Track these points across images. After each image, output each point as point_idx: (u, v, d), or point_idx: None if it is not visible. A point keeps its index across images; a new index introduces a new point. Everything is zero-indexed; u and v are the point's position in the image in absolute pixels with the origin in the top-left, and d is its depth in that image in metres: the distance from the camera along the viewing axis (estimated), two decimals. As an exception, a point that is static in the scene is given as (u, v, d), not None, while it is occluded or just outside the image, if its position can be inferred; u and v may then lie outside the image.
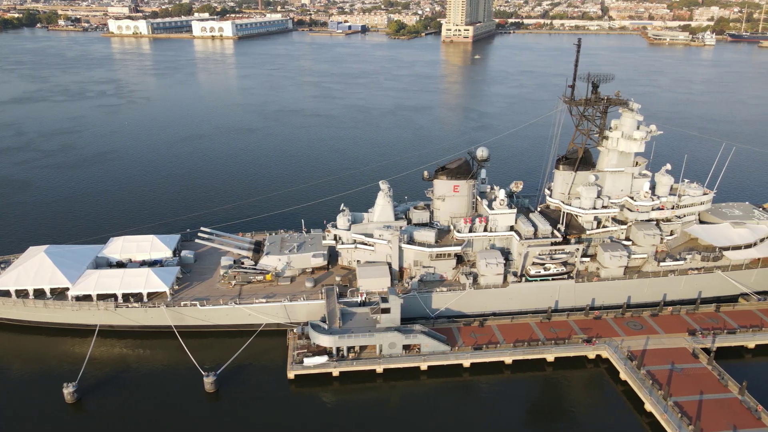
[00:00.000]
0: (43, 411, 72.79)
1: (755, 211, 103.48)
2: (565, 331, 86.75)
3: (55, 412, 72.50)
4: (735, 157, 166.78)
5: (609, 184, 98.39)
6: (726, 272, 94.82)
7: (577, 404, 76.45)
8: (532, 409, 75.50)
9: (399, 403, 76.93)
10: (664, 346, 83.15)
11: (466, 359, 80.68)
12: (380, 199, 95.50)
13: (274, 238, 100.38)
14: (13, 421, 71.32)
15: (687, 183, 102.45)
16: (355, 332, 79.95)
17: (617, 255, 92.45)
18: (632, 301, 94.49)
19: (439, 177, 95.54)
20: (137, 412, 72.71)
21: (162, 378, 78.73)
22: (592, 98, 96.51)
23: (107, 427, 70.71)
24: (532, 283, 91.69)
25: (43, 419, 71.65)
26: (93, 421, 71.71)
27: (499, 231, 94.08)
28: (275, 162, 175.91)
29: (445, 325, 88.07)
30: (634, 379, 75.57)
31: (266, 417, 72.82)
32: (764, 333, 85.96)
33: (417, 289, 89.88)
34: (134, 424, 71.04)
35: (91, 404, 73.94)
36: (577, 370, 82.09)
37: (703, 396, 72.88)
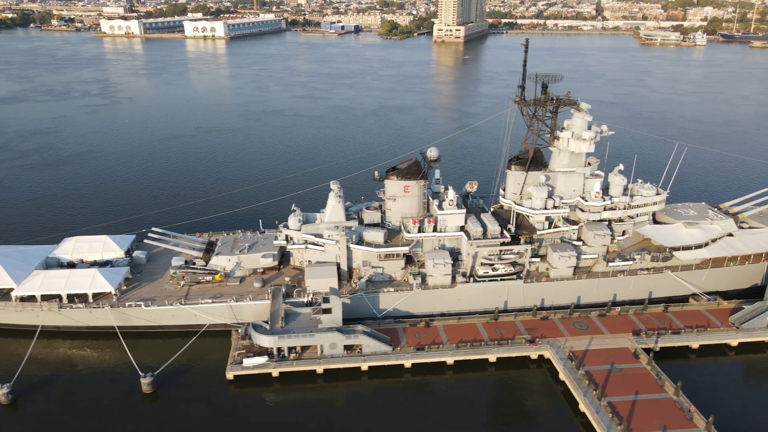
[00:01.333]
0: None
1: (710, 212, 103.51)
2: (510, 331, 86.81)
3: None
4: (695, 157, 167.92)
5: (561, 184, 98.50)
6: (676, 272, 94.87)
7: (516, 405, 76.51)
8: (469, 410, 75.42)
9: (338, 404, 77.10)
10: (607, 346, 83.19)
11: (407, 360, 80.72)
12: (331, 199, 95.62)
13: (227, 239, 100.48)
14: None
15: (641, 183, 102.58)
16: (297, 332, 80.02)
17: (566, 255, 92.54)
18: (582, 302, 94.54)
19: (390, 177, 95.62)
20: (73, 413, 72.79)
21: (101, 379, 78.79)
22: (541, 98, 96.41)
23: (41, 428, 70.77)
24: (480, 283, 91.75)
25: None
26: (27, 421, 71.82)
27: (448, 231, 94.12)
28: (248, 162, 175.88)
29: (391, 326, 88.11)
30: (571, 380, 75.63)
31: (203, 417, 72.84)
32: (709, 333, 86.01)
33: (364, 290, 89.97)
34: (69, 425, 71.11)
35: (26, 405, 74.06)
36: (520, 370, 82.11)
37: (638, 396, 72.93)
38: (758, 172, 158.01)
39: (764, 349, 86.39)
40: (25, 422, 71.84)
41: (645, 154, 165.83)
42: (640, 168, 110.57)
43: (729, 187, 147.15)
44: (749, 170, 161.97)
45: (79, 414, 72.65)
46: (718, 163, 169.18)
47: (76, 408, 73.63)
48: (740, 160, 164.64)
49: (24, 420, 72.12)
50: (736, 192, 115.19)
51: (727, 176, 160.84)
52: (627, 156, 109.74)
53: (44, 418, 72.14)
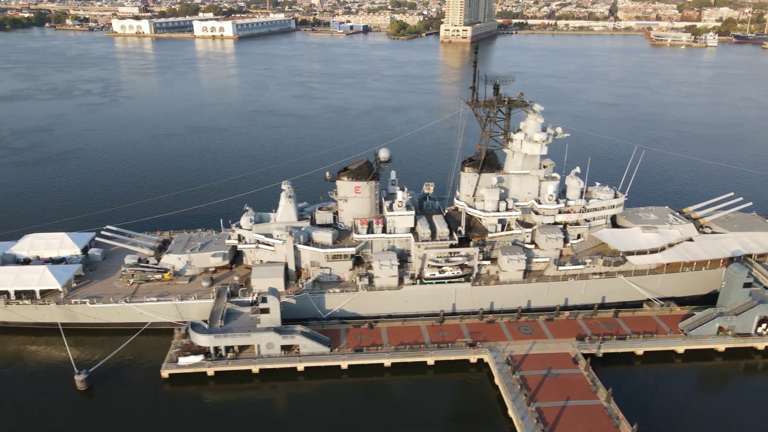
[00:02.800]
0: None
1: (670, 216, 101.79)
2: (453, 334, 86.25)
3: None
4: (662, 161, 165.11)
5: (515, 186, 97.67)
6: (629, 277, 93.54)
7: (449, 408, 76.06)
8: (401, 413, 75.03)
9: (272, 404, 77.28)
10: (548, 351, 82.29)
11: (344, 361, 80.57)
12: (282, 199, 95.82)
13: (182, 237, 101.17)
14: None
15: (599, 186, 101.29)
16: (235, 332, 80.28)
17: (515, 258, 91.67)
18: (533, 306, 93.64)
19: (341, 178, 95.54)
20: (5, 410, 73.64)
21: (39, 376, 79.71)
22: (493, 100, 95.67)
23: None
24: (427, 285, 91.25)
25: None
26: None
27: (398, 233, 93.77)
28: (226, 160, 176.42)
29: (335, 327, 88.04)
30: (504, 385, 74.93)
31: (135, 415, 73.35)
32: (655, 340, 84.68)
33: (310, 290, 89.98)
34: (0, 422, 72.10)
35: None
36: (459, 373, 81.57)
37: (569, 402, 72.03)
38: (726, 177, 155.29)
39: (712, 357, 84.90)
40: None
41: (609, 157, 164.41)
42: (603, 171, 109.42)
43: (696, 191, 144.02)
44: (717, 174, 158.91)
45: (10, 411, 73.43)
46: (686, 167, 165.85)
47: (8, 405, 74.43)
48: (708, 164, 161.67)
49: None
50: (704, 196, 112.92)
51: (695, 180, 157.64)
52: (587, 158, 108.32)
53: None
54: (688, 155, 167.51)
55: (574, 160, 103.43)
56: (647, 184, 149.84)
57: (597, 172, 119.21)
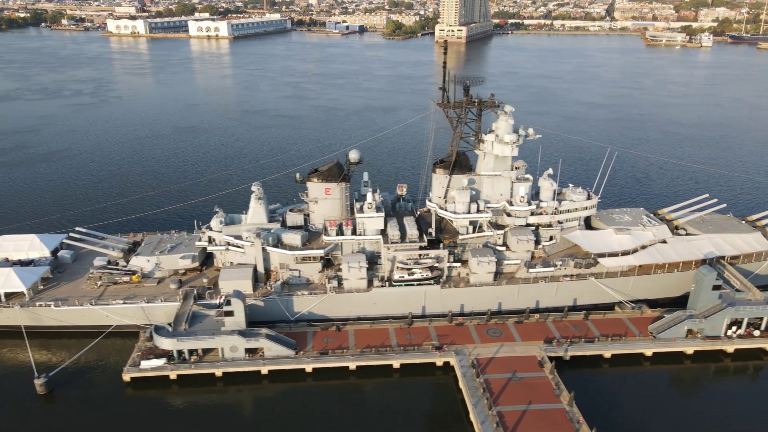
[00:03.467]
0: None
1: (644, 218, 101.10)
2: (420, 337, 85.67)
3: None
4: (638, 163, 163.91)
5: (487, 188, 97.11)
6: (600, 279, 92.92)
7: (411, 412, 75.22)
8: (365, 417, 74.49)
9: (235, 407, 76.52)
10: (515, 354, 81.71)
11: (309, 364, 79.98)
12: (252, 201, 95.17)
13: (152, 239, 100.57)
14: None
15: (572, 188, 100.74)
16: (199, 335, 79.70)
17: (485, 260, 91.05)
18: (504, 308, 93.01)
19: (311, 180, 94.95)
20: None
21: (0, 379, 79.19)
22: (463, 101, 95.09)
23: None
24: (396, 288, 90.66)
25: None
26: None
27: (368, 235, 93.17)
28: (210, 162, 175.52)
29: (302, 329, 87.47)
30: (467, 388, 74.35)
31: (96, 419, 72.80)
32: (623, 343, 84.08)
33: (278, 293, 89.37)
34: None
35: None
36: (425, 377, 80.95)
37: (531, 406, 71.44)
38: (702, 178, 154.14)
39: (681, 360, 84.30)
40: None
41: (585, 158, 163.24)
42: (579, 173, 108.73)
43: (673, 192, 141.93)
44: (694, 176, 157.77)
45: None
46: (663, 168, 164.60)
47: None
48: (685, 166, 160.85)
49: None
50: (680, 198, 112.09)
51: (672, 182, 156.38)
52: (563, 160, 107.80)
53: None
54: (665, 157, 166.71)
55: (548, 162, 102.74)
56: (624, 185, 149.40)
57: (573, 174, 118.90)
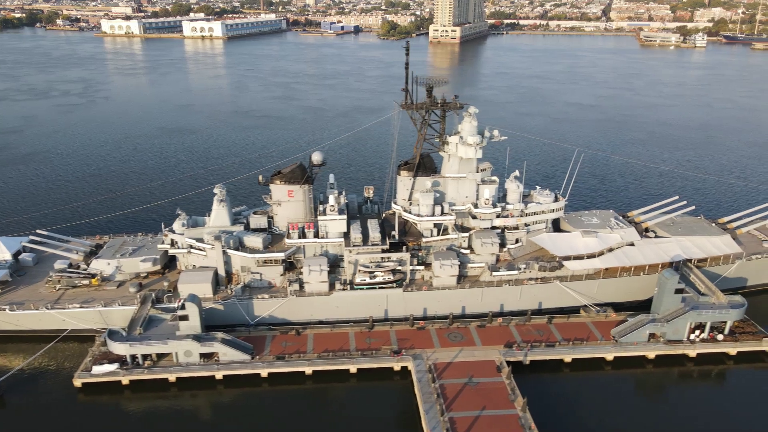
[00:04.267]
0: None
1: (612, 220, 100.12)
2: (380, 341, 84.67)
3: None
4: (610, 165, 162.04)
5: (452, 190, 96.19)
6: (565, 283, 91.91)
7: (366, 419, 74.06)
8: (318, 423, 73.43)
9: (190, 413, 75.57)
10: (474, 358, 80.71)
11: (264, 369, 79.03)
12: (214, 203, 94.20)
13: (115, 241, 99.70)
14: None
15: (539, 190, 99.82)
16: (153, 340, 78.75)
17: (448, 264, 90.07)
18: (467, 312, 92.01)
19: (274, 182, 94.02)
20: None
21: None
22: (426, 102, 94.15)
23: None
24: (358, 291, 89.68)
25: None
26: None
27: (330, 237, 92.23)
28: (187, 162, 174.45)
29: (262, 333, 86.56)
30: (421, 394, 73.40)
31: (45, 426, 71.85)
32: (584, 347, 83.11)
33: (238, 296, 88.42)
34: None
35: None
36: (383, 382, 79.93)
37: (484, 412, 70.45)
38: (673, 180, 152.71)
39: (643, 364, 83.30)
40: None
41: (555, 159, 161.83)
42: (547, 175, 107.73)
43: (645, 194, 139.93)
44: (666, 178, 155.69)
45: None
46: (635, 170, 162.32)
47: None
48: (656, 168, 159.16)
49: None
50: (652, 200, 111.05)
51: (644, 184, 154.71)
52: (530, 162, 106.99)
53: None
54: (641, 160, 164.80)
55: (516, 164, 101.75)
56: (595, 188, 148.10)
57: (543, 176, 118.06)
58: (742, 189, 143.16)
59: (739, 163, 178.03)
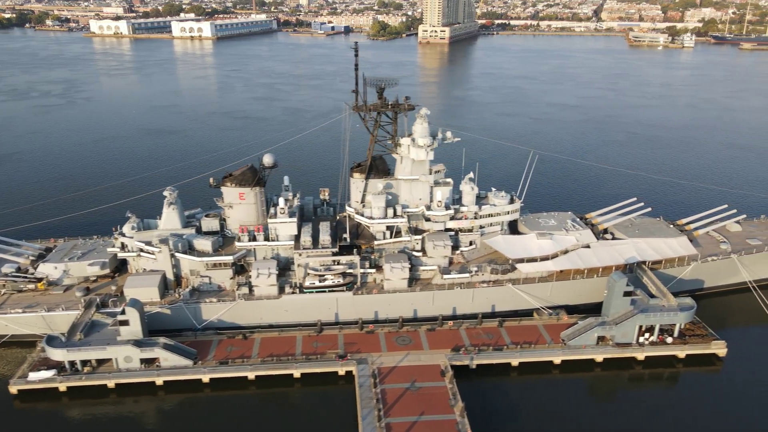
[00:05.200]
0: None
1: (569, 222, 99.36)
2: (327, 345, 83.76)
3: None
4: (571, 167, 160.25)
5: (405, 192, 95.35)
6: (518, 285, 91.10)
7: (305, 424, 73.13)
8: (257, 429, 72.55)
9: (128, 420, 74.46)
10: (420, 363, 79.88)
11: (206, 374, 78.04)
12: (164, 206, 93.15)
13: (66, 245, 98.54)
14: None
15: (495, 192, 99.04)
16: (93, 345, 77.67)
17: (398, 266, 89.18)
18: (419, 315, 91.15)
19: (225, 184, 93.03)
20: None
21: None
22: (377, 104, 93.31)
23: None
24: (308, 295, 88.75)
25: None
26: None
27: (281, 240, 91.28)
28: (161, 163, 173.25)
29: (209, 338, 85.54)
30: (361, 399, 72.53)
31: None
32: (532, 351, 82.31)
33: (186, 300, 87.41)
34: None
35: None
36: (327, 387, 78.98)
37: (422, 417, 69.60)
38: (633, 182, 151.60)
39: (592, 368, 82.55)
40: None
41: (514, 161, 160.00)
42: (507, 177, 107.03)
43: (606, 196, 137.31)
44: (628, 180, 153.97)
45: None
46: (596, 173, 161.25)
47: None
48: (613, 170, 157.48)
49: None
50: (612, 201, 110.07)
51: (605, 186, 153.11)
52: (486, 163, 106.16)
53: None
54: (602, 162, 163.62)
55: (473, 166, 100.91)
56: (558, 189, 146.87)
57: (504, 178, 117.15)
58: (705, 191, 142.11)
59: (710, 164, 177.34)
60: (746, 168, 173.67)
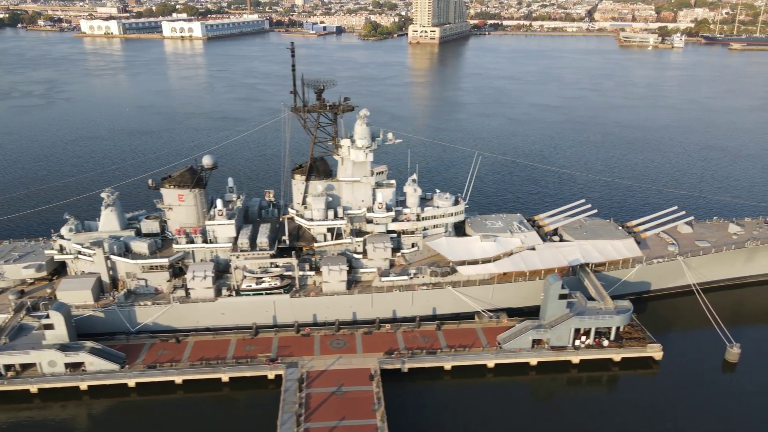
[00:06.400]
0: None
1: (515, 224, 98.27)
2: (261, 349, 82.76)
3: None
4: (524, 168, 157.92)
5: (347, 194, 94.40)
6: (458, 288, 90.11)
7: (228, 429, 72.31)
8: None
9: (52, 426, 73.44)
10: (351, 366, 78.90)
11: (131, 379, 77.04)
12: (102, 208, 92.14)
13: (5, 247, 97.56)
14: None
15: (439, 193, 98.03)
16: (17, 349, 76.67)
17: (336, 269, 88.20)
18: (359, 318, 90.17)
19: (164, 186, 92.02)
20: None
21: None
22: (315, 105, 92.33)
23: None
24: (244, 297, 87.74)
25: None
26: None
27: (220, 242, 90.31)
28: (140, 164, 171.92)
29: (141, 341, 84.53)
30: (284, 403, 71.58)
31: None
32: (464, 354, 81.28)
33: (120, 303, 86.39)
34: None
35: None
36: (256, 391, 78.09)
37: (342, 422, 68.65)
38: (581, 184, 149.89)
39: (526, 371, 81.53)
40: None
41: (463, 164, 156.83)
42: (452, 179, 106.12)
43: (561, 198, 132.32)
44: (578, 182, 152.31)
45: None
46: (547, 174, 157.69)
47: None
48: (561, 172, 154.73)
49: None
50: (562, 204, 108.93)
51: (556, 188, 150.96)
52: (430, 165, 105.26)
53: None
54: (549, 165, 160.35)
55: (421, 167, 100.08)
56: (510, 191, 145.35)
57: (449, 179, 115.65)
58: (662, 193, 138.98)
59: (675, 166, 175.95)
60: (715, 169, 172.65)
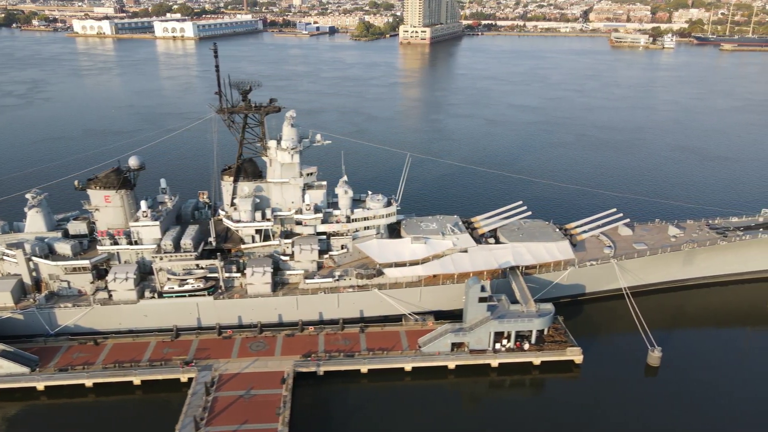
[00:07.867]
0: None
1: (448, 226, 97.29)
2: (177, 351, 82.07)
3: None
4: (467, 171, 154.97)
5: (276, 195, 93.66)
6: (384, 290, 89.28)
7: (135, 431, 71.80)
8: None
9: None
10: (265, 369, 78.23)
11: (40, 382, 76.43)
12: (27, 209, 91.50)
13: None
14: None
15: (372, 195, 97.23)
16: (-72, 350, 76.22)
17: (260, 271, 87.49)
18: (285, 320, 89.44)
19: (90, 186, 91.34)
20: None
21: None
22: (242, 106, 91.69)
23: None
24: (167, 299, 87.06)
25: None
26: None
27: (144, 244, 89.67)
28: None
29: (59, 343, 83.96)
30: (187, 407, 70.94)
31: None
32: (382, 357, 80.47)
33: (40, 305, 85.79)
34: None
35: None
36: (168, 394, 77.19)
37: (244, 426, 68.00)
38: (534, 187, 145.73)
39: (445, 375, 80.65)
40: None
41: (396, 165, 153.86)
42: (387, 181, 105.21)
43: (500, 200, 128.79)
44: (519, 184, 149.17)
45: None
46: (494, 177, 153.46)
47: None
48: (500, 174, 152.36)
49: None
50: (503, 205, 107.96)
51: (495, 189, 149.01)
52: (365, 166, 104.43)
53: None
54: (494, 168, 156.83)
55: (353, 168, 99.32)
56: (449, 193, 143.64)
57: (384, 181, 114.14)
58: (603, 196, 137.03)
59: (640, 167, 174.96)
60: (678, 171, 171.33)
